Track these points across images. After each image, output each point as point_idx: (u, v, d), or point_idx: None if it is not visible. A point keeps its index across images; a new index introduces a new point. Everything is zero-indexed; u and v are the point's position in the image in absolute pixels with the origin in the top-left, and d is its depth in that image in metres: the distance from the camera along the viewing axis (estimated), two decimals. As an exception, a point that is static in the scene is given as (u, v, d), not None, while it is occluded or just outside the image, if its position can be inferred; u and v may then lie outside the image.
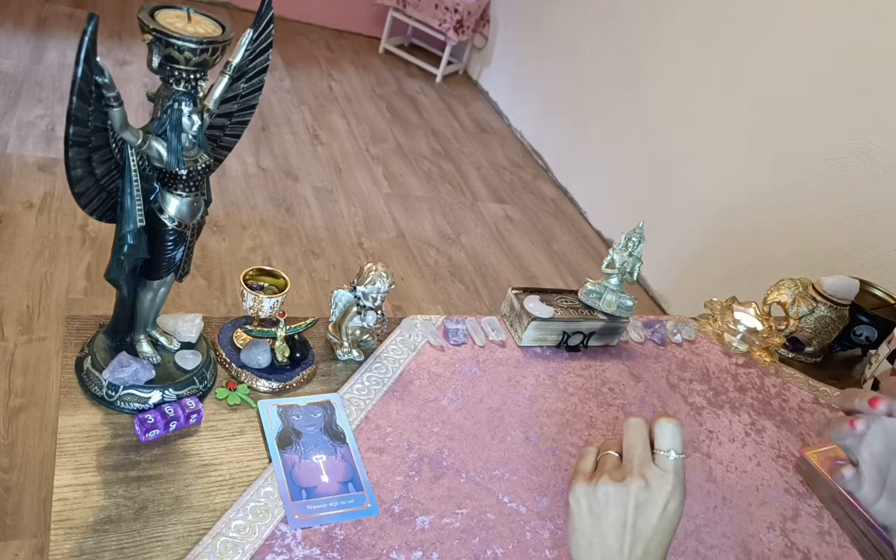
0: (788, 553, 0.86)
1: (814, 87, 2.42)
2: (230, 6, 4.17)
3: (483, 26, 4.41)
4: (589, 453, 0.61)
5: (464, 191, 3.34)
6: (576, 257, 3.16)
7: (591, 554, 0.55)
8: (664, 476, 0.53)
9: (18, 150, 2.40)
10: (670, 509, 0.53)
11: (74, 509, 0.63)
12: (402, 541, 0.71)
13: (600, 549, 0.54)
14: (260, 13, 0.72)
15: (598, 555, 0.54)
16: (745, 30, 2.72)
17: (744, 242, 2.64)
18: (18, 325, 1.79)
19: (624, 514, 0.53)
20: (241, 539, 0.65)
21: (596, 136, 3.51)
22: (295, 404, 0.81)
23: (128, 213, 0.67)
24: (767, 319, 1.27)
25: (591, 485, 0.56)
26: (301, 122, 3.34)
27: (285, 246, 2.49)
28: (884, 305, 1.34)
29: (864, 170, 2.25)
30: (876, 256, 2.19)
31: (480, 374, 0.98)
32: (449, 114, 4.09)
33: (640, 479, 0.53)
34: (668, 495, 0.53)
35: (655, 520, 0.53)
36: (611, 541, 0.54)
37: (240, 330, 0.88)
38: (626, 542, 0.53)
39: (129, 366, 0.73)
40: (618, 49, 3.41)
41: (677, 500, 0.53)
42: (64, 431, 0.69)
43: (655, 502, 0.53)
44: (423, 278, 2.62)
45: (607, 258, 1.10)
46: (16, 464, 1.49)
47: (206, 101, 0.69)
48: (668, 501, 0.53)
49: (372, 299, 0.88)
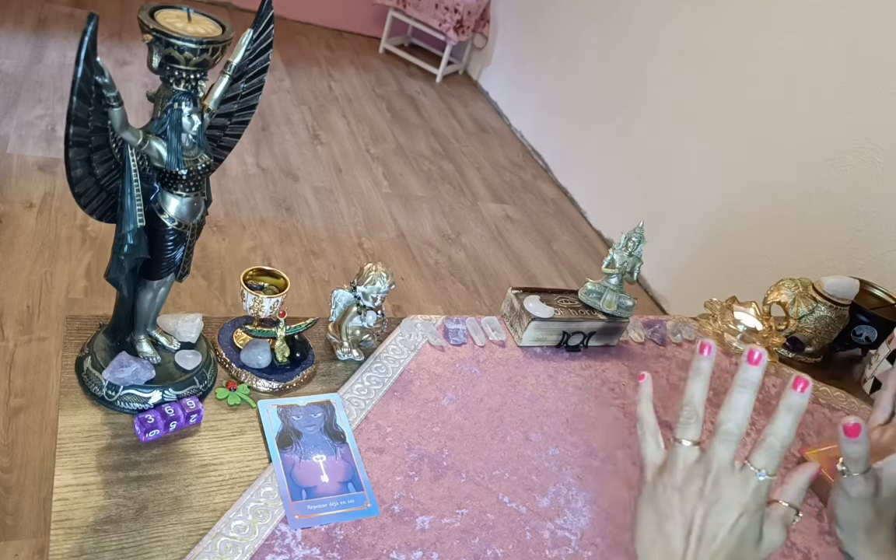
0: (788, 553, 0.86)
1: (814, 87, 2.42)
2: (230, 6, 4.17)
3: (483, 26, 4.41)
4: (648, 435, 0.57)
5: (464, 191, 3.34)
6: (576, 257, 3.16)
7: (653, 551, 0.53)
8: (744, 491, 0.51)
9: (18, 150, 2.40)
10: (742, 524, 0.50)
11: (74, 509, 0.63)
12: (402, 541, 0.71)
13: (662, 548, 0.53)
14: (260, 13, 0.72)
15: (658, 554, 0.53)
16: (745, 30, 2.72)
17: (744, 242, 2.64)
18: (18, 325, 1.79)
19: (691, 520, 0.51)
20: (241, 539, 0.65)
21: (596, 136, 3.51)
22: (295, 404, 0.81)
23: (128, 213, 0.67)
24: (767, 319, 1.26)
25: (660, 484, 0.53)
26: (301, 122, 3.34)
27: (285, 246, 2.49)
28: (884, 305, 1.34)
29: (864, 170, 2.25)
30: (876, 256, 2.19)
31: (480, 374, 0.98)
32: (449, 114, 4.09)
33: (714, 489, 0.51)
34: (742, 510, 0.50)
35: (724, 531, 0.50)
36: (674, 543, 0.52)
37: (240, 330, 0.87)
38: (691, 548, 0.51)
39: (129, 366, 0.73)
40: (618, 49, 3.41)
41: (751, 516, 0.51)
42: (64, 431, 0.69)
43: (727, 515, 0.50)
44: (423, 278, 2.62)
45: (607, 258, 1.10)
46: (16, 464, 1.49)
47: (206, 101, 0.69)
48: (740, 516, 0.50)
49: (372, 299, 0.88)
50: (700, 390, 0.54)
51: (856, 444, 0.58)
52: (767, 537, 0.52)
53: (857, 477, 0.60)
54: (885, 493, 0.62)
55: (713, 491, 0.51)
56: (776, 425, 0.50)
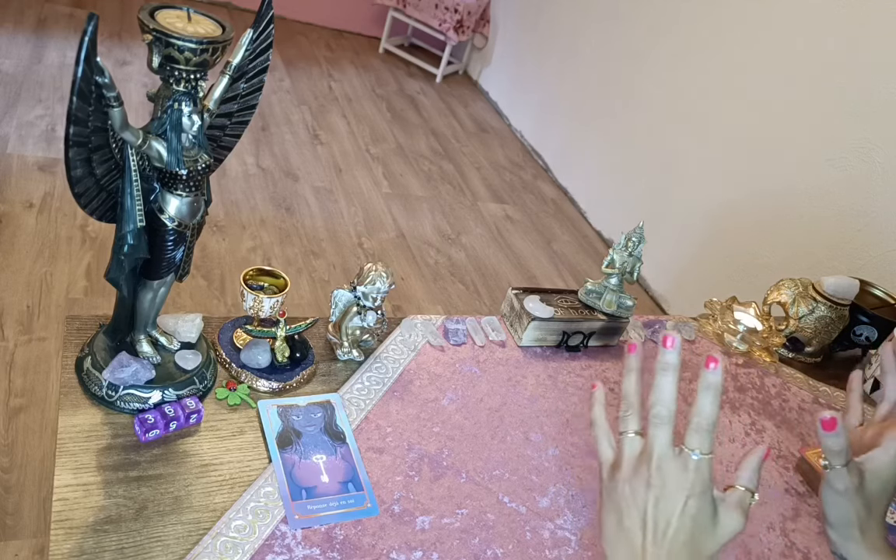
0: (788, 553, 0.86)
1: (814, 87, 2.42)
2: (230, 6, 4.17)
3: (483, 26, 4.41)
4: (601, 435, 0.59)
5: (464, 191, 3.34)
6: (576, 257, 3.16)
7: (618, 547, 0.55)
8: (685, 474, 0.53)
9: (18, 150, 2.40)
10: (691, 507, 0.52)
11: (74, 509, 0.63)
12: (402, 541, 0.71)
13: (625, 543, 0.54)
14: (260, 13, 0.72)
15: (623, 549, 0.54)
16: (745, 30, 2.72)
17: (744, 242, 2.64)
18: (18, 325, 1.79)
19: (644, 510, 0.53)
20: (241, 539, 0.65)
21: (596, 135, 3.51)
22: (295, 404, 0.81)
23: (128, 213, 0.67)
24: (767, 319, 1.26)
25: (613, 480, 0.56)
26: (301, 122, 3.34)
27: (285, 246, 2.49)
28: (884, 305, 1.34)
29: (864, 170, 2.25)
30: (876, 256, 2.19)
31: (480, 374, 0.98)
32: (449, 114, 4.09)
33: (658, 475, 0.53)
34: (688, 493, 0.52)
35: (675, 517, 0.52)
36: (633, 536, 0.54)
37: (240, 330, 0.87)
38: (649, 538, 0.53)
39: (129, 366, 0.73)
40: (618, 49, 3.41)
41: (698, 498, 0.52)
42: (64, 431, 0.69)
43: (674, 500, 0.52)
44: (423, 278, 2.62)
45: (607, 258, 1.10)
46: (16, 464, 1.49)
47: (206, 101, 0.69)
48: (687, 499, 0.52)
49: (372, 299, 0.88)
50: (633, 384, 0.57)
51: (834, 438, 0.60)
52: (724, 522, 0.53)
53: (840, 469, 0.62)
54: (871, 486, 0.64)
55: (657, 476, 0.53)
56: (699, 406, 0.53)
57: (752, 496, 0.55)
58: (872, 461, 0.65)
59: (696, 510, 0.52)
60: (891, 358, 0.73)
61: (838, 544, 0.67)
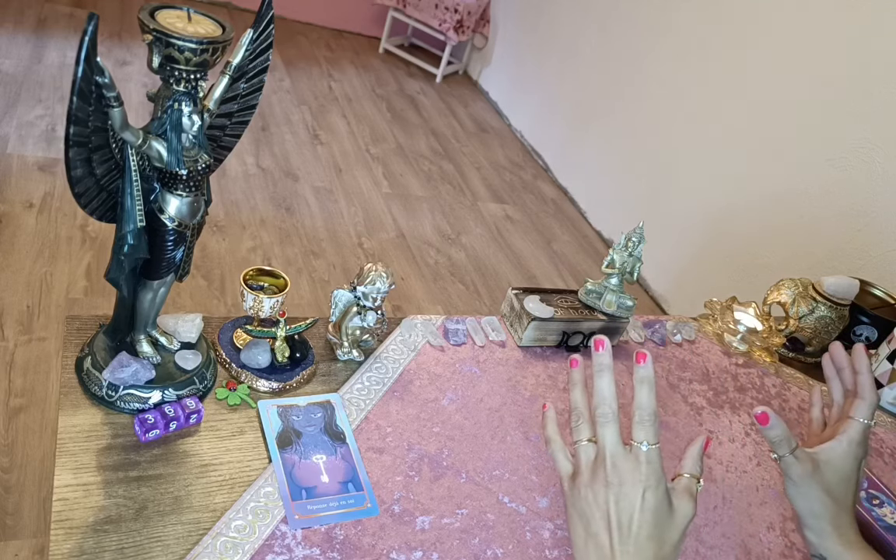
0: (788, 553, 0.86)
1: (814, 87, 2.42)
2: (230, 6, 4.17)
3: (483, 26, 4.41)
4: (557, 451, 0.62)
5: (464, 191, 3.34)
6: (576, 257, 3.16)
7: (588, 555, 0.56)
8: (637, 467, 0.55)
9: (18, 150, 2.40)
10: (649, 500, 0.54)
11: (74, 509, 0.63)
12: (402, 541, 0.71)
13: (594, 549, 0.56)
14: (260, 13, 0.72)
15: (593, 554, 0.56)
16: (745, 30, 2.72)
17: (744, 242, 2.64)
18: (18, 325, 1.79)
19: (607, 511, 0.55)
20: (241, 539, 0.65)
21: (596, 136, 3.51)
22: (295, 404, 0.81)
23: (128, 213, 0.67)
24: (767, 319, 1.27)
25: (575, 488, 0.58)
26: (301, 122, 3.34)
27: (285, 246, 2.49)
28: (884, 305, 1.34)
29: (864, 170, 2.25)
30: (876, 256, 2.20)
31: (480, 374, 0.98)
32: (449, 114, 4.09)
33: (615, 473, 0.55)
34: (644, 486, 0.54)
35: (636, 512, 0.54)
36: (601, 539, 0.55)
37: (240, 330, 0.87)
38: (615, 538, 0.54)
39: (129, 366, 0.73)
40: (618, 49, 3.41)
41: (654, 489, 0.54)
42: (64, 431, 0.69)
43: (632, 495, 0.54)
44: (423, 278, 2.62)
45: (607, 258, 1.10)
46: (16, 464, 1.49)
47: (206, 101, 0.69)
48: (644, 492, 0.54)
49: (372, 299, 0.88)
50: (580, 395, 0.61)
51: (771, 430, 0.65)
52: (678, 509, 0.56)
53: (789, 457, 0.66)
54: (829, 477, 0.68)
55: (614, 474, 0.55)
56: (637, 400, 0.56)
57: (697, 482, 0.58)
58: (825, 451, 0.68)
59: (655, 502, 0.54)
60: (830, 366, 0.80)
61: (816, 544, 0.69)
